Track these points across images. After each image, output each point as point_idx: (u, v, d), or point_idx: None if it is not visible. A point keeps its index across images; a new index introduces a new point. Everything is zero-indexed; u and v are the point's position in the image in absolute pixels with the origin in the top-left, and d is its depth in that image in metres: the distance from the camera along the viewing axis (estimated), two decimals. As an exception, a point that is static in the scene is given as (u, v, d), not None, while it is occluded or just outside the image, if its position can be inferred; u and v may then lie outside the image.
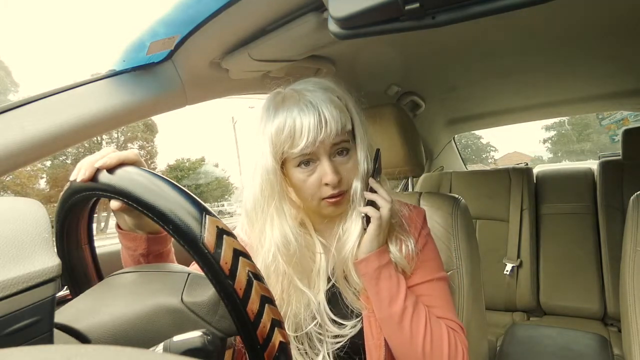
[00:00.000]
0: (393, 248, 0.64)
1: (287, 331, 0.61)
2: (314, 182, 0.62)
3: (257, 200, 0.62)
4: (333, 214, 0.66)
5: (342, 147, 0.62)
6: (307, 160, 0.61)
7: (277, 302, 0.64)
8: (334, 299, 0.66)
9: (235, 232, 0.75)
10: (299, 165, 0.62)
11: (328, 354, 0.63)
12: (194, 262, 0.49)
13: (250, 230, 0.66)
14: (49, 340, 0.31)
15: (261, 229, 0.63)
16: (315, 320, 0.63)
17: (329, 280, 0.67)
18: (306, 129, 0.58)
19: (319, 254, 0.67)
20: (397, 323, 0.60)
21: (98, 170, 0.42)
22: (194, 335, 0.36)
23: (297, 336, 0.63)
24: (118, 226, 0.57)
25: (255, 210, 0.63)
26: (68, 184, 0.45)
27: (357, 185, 0.63)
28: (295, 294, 0.63)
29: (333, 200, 0.62)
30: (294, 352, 0.62)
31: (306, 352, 0.63)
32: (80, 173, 0.42)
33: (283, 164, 0.64)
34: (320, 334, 0.63)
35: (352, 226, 0.65)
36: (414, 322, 0.60)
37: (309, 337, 0.63)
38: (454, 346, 0.61)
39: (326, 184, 0.61)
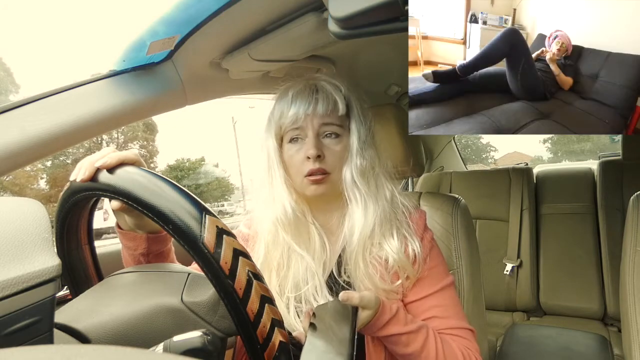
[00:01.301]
0: (396, 245, 0.64)
1: (288, 292, 0.63)
2: (299, 158, 0.65)
3: (261, 176, 0.69)
4: (315, 194, 0.66)
5: (331, 130, 0.66)
6: (297, 136, 0.66)
7: (277, 266, 0.65)
8: (336, 287, 0.66)
9: (237, 228, 0.75)
10: (290, 142, 0.66)
11: None
12: (194, 262, 0.49)
13: (256, 204, 0.70)
14: (49, 340, 0.31)
15: (265, 200, 0.68)
16: (312, 282, 0.64)
17: (330, 276, 0.67)
18: (297, 98, 0.65)
19: (312, 226, 0.68)
20: None
21: (98, 170, 0.42)
22: (194, 335, 0.36)
23: (296, 296, 0.64)
24: (118, 226, 0.57)
25: (261, 184, 0.69)
26: (68, 184, 0.45)
27: (347, 173, 0.65)
28: (294, 257, 0.66)
29: (313, 178, 0.64)
30: (293, 312, 0.63)
31: (302, 312, 0.63)
32: (80, 173, 0.42)
33: (282, 143, 0.68)
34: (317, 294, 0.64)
35: (354, 215, 0.65)
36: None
37: (307, 299, 0.64)
38: None
39: (307, 158, 0.64)
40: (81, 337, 0.37)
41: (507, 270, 1.70)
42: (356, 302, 0.53)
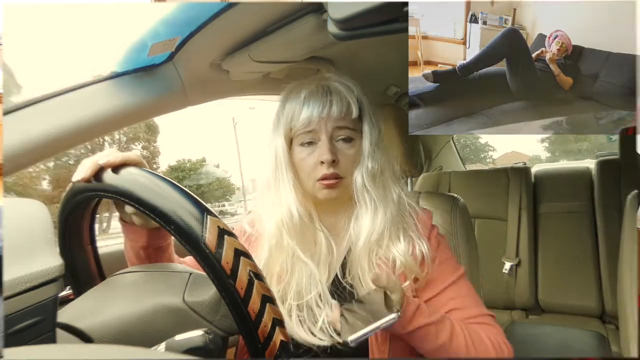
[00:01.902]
0: (402, 248, 0.63)
1: (290, 300, 0.62)
2: (311, 162, 0.64)
3: (268, 176, 0.67)
4: (327, 198, 0.65)
5: (345, 134, 0.64)
6: (310, 140, 0.64)
7: (279, 272, 0.64)
8: (339, 292, 0.65)
9: (240, 226, 0.75)
10: (301, 145, 0.65)
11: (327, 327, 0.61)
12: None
13: (261, 204, 0.69)
14: (52, 339, 0.31)
15: (271, 202, 0.66)
16: (316, 291, 0.63)
17: (334, 280, 0.66)
18: (310, 99, 0.63)
19: (320, 232, 0.66)
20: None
21: (101, 171, 0.42)
22: (195, 335, 0.36)
23: (298, 304, 0.63)
24: (121, 218, 0.58)
25: (267, 185, 0.68)
26: (70, 184, 0.45)
27: (358, 176, 0.64)
28: (298, 264, 0.64)
29: (326, 182, 0.63)
30: (295, 319, 0.62)
31: (305, 320, 0.62)
32: (82, 171, 0.43)
33: (292, 145, 0.66)
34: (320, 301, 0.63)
35: (363, 219, 0.64)
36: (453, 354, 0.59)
37: (309, 306, 0.63)
38: (500, 349, 0.61)
39: (322, 163, 0.62)
40: (84, 337, 0.37)
41: (505, 269, 1.71)
42: (384, 283, 0.54)
